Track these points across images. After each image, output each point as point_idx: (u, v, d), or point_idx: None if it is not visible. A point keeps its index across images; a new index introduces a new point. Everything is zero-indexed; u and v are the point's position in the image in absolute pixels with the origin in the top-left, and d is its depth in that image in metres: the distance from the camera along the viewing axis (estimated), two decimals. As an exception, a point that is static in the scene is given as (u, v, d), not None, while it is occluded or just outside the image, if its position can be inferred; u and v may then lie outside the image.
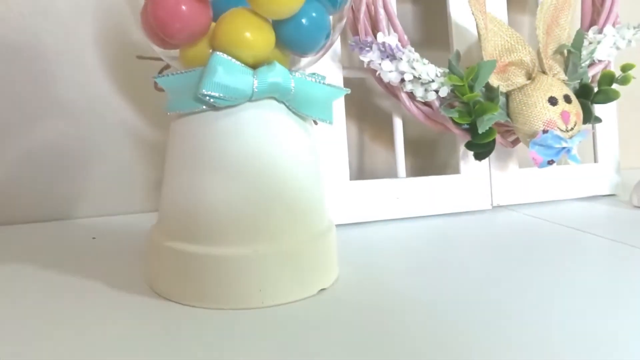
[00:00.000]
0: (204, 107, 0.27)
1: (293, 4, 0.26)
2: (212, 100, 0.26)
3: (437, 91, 0.42)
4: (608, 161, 0.57)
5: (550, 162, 0.44)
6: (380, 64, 0.40)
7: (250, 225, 0.28)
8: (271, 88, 0.27)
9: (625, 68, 0.50)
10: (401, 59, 0.40)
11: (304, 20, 0.28)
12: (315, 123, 0.32)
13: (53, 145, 0.47)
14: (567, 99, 0.45)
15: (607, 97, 0.49)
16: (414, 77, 0.41)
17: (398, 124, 0.48)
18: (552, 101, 0.44)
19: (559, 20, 0.49)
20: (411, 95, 0.44)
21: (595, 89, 0.50)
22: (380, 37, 0.40)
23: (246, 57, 0.27)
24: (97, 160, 0.49)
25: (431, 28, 0.61)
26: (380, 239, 0.42)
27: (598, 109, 0.51)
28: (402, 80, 0.42)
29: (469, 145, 0.45)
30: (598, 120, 0.49)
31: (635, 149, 0.78)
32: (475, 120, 0.43)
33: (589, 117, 0.48)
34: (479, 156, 0.46)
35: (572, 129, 0.45)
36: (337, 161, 0.44)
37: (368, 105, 0.58)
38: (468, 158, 0.49)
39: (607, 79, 0.50)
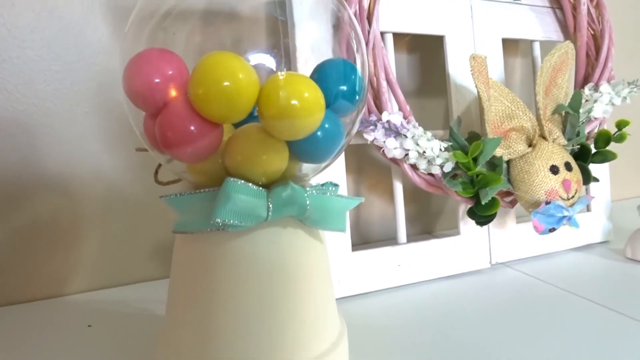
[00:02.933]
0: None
1: (309, 127, 0.25)
2: (226, 227, 0.25)
3: (441, 166, 0.41)
4: (601, 210, 0.58)
5: (552, 230, 0.44)
6: (384, 142, 0.39)
7: (264, 347, 0.27)
8: (287, 209, 0.26)
9: (620, 125, 0.50)
10: (406, 136, 0.39)
11: (319, 134, 0.26)
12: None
13: (43, 221, 0.45)
14: (568, 167, 0.45)
15: (605, 158, 0.49)
16: (419, 153, 0.40)
17: (399, 188, 0.47)
18: (554, 170, 0.44)
19: (557, 80, 0.49)
20: (414, 166, 0.43)
21: (592, 146, 0.50)
22: (385, 115, 0.39)
23: (260, 177, 0.26)
24: (88, 232, 0.46)
25: (426, 77, 0.60)
26: (384, 314, 0.41)
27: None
28: (406, 155, 0.41)
29: (470, 214, 0.45)
30: (596, 180, 0.49)
31: (627, 180, 0.79)
32: (478, 191, 0.42)
33: (588, 179, 0.48)
34: (481, 224, 0.45)
35: (573, 196, 0.45)
36: (339, 234, 0.43)
37: (365, 158, 0.58)
38: (467, 219, 0.48)
39: (604, 139, 0.50)
